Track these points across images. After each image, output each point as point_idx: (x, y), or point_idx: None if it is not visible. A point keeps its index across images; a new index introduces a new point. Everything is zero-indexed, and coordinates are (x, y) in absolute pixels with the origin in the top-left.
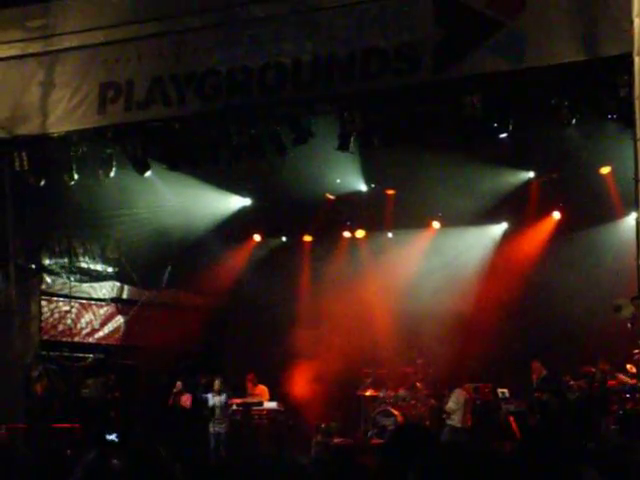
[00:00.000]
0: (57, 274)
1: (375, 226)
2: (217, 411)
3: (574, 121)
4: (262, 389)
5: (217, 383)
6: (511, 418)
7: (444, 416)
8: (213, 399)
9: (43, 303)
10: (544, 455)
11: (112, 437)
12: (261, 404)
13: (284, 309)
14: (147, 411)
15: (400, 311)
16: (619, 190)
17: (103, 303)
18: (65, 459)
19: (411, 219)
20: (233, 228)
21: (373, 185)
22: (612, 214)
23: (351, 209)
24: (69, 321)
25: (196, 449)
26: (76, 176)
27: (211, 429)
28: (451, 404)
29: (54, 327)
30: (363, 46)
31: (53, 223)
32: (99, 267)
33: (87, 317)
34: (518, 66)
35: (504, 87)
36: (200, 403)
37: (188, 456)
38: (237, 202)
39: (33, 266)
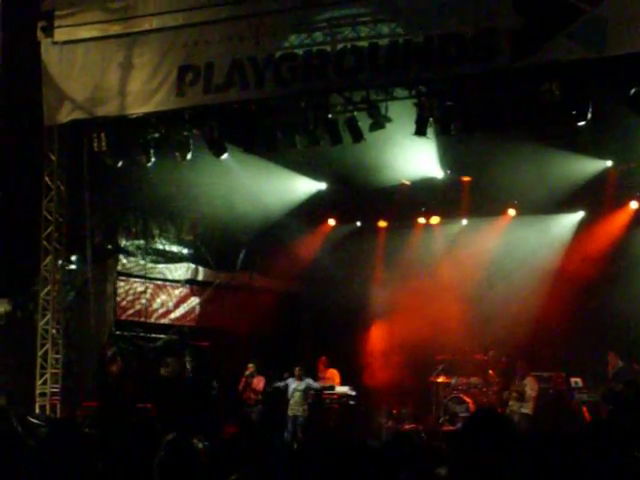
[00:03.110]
0: (133, 255)
1: (450, 213)
2: (297, 395)
3: None
4: (333, 373)
5: (298, 369)
6: (584, 408)
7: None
8: (294, 383)
9: (119, 283)
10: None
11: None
12: (333, 388)
13: (357, 294)
14: (219, 393)
15: (473, 298)
16: None
17: (178, 284)
18: (141, 438)
19: (486, 206)
20: (308, 212)
21: (449, 171)
22: None
23: (426, 195)
24: (144, 302)
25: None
26: (153, 158)
27: (289, 412)
28: (529, 391)
29: (129, 307)
30: (441, 32)
31: (130, 204)
32: (174, 248)
33: (162, 298)
34: (598, 54)
35: (583, 75)
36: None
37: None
38: (312, 186)
39: (110, 247)
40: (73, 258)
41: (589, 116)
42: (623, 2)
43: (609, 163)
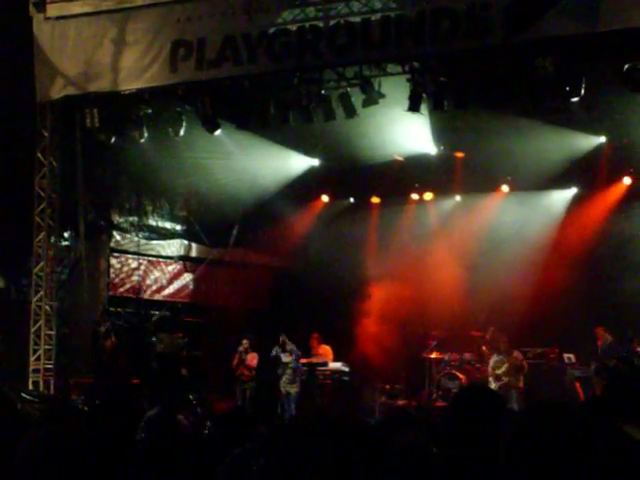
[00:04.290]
0: (126, 231)
1: (443, 189)
2: (289, 372)
3: None
4: (326, 349)
5: (282, 338)
6: (577, 384)
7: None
8: (285, 358)
9: (112, 260)
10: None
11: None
12: (326, 364)
13: (351, 270)
14: (214, 369)
15: (466, 274)
16: None
17: (171, 261)
18: (132, 414)
19: (480, 182)
20: (301, 188)
21: (442, 148)
22: None
23: (420, 171)
24: (137, 278)
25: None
26: (146, 134)
27: (282, 390)
28: (525, 364)
29: (122, 284)
30: (433, 7)
31: (123, 181)
32: (168, 225)
33: (155, 274)
34: (592, 29)
35: (577, 50)
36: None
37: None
38: (305, 162)
39: (103, 223)
40: (66, 234)
41: (582, 92)
42: None
43: (602, 139)
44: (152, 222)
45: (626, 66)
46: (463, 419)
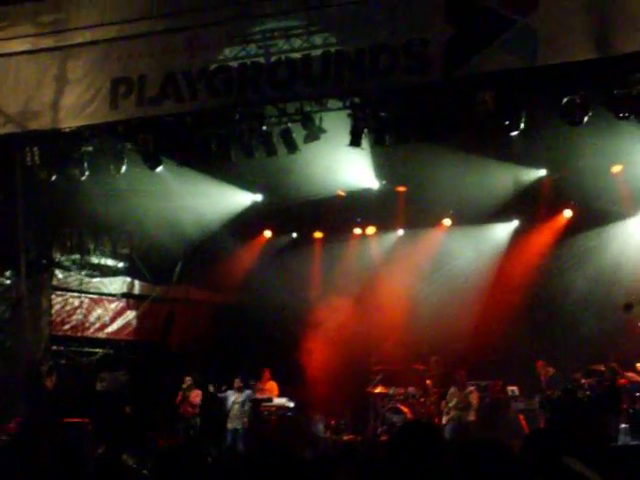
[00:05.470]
0: (68, 269)
1: (386, 223)
2: (236, 408)
3: (586, 119)
4: (272, 385)
5: (237, 381)
6: (521, 416)
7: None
8: (233, 396)
9: (54, 298)
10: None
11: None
12: (270, 400)
13: (294, 305)
14: (158, 407)
15: (410, 308)
16: (630, 189)
17: (114, 298)
18: (75, 453)
19: (422, 217)
20: (244, 224)
21: (384, 182)
22: (623, 213)
23: (362, 206)
24: (79, 316)
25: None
26: (87, 172)
27: (229, 425)
28: (473, 400)
29: (64, 322)
30: (371, 43)
31: (64, 218)
32: (110, 262)
33: (97, 312)
34: (530, 64)
35: (516, 85)
36: (210, 399)
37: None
38: (248, 198)
39: (44, 261)
40: (7, 273)
41: (522, 125)
42: (555, 12)
43: (543, 172)
44: (94, 260)
45: (564, 100)
46: (403, 455)
